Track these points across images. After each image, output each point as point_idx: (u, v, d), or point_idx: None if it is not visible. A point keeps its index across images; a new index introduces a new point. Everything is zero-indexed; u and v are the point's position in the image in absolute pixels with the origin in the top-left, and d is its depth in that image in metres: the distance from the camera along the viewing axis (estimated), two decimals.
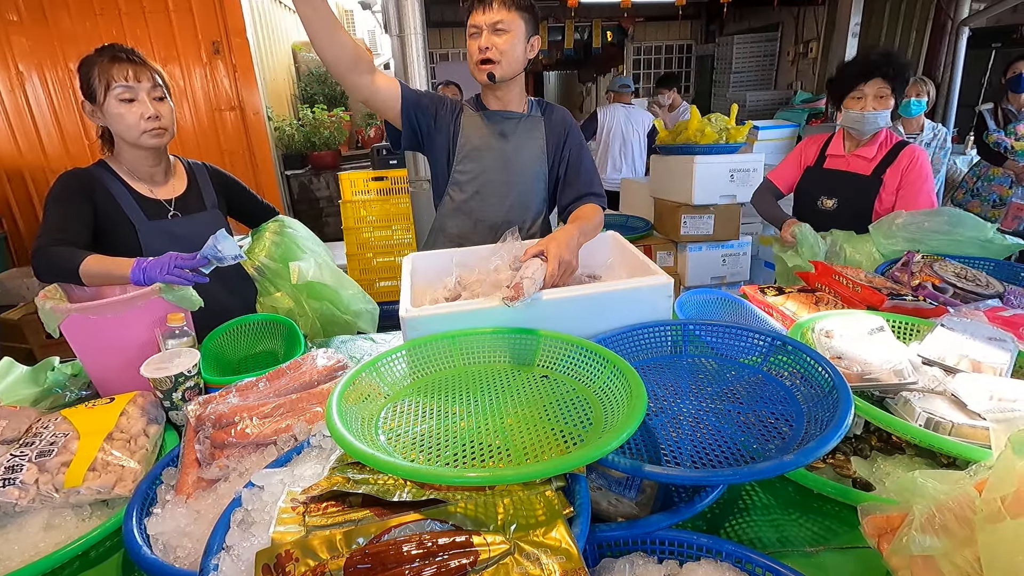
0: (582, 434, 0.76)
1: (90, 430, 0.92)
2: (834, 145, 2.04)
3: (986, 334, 1.05)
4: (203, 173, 1.58)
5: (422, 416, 0.85)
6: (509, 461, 0.72)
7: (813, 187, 2.06)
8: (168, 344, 1.16)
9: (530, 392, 0.90)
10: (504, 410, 0.85)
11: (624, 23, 7.46)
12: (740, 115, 3.28)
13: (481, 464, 0.72)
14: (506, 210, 1.63)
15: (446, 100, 1.60)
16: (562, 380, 0.93)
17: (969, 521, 0.56)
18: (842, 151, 2.01)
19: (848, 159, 2.00)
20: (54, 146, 4.03)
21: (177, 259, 1.16)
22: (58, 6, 3.73)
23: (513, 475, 0.64)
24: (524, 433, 0.77)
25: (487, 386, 0.93)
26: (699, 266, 3.11)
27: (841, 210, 1.97)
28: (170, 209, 1.46)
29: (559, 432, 0.77)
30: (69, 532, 0.82)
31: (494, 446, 0.75)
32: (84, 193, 1.35)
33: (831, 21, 5.79)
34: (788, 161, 2.19)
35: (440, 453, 0.74)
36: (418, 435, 0.79)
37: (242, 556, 0.64)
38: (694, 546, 0.67)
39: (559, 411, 0.83)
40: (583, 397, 0.87)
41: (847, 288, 1.35)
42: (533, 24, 1.50)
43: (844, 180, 1.99)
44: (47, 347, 2.96)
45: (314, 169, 4.84)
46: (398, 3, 2.57)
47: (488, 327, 1.04)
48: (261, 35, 4.51)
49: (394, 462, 0.66)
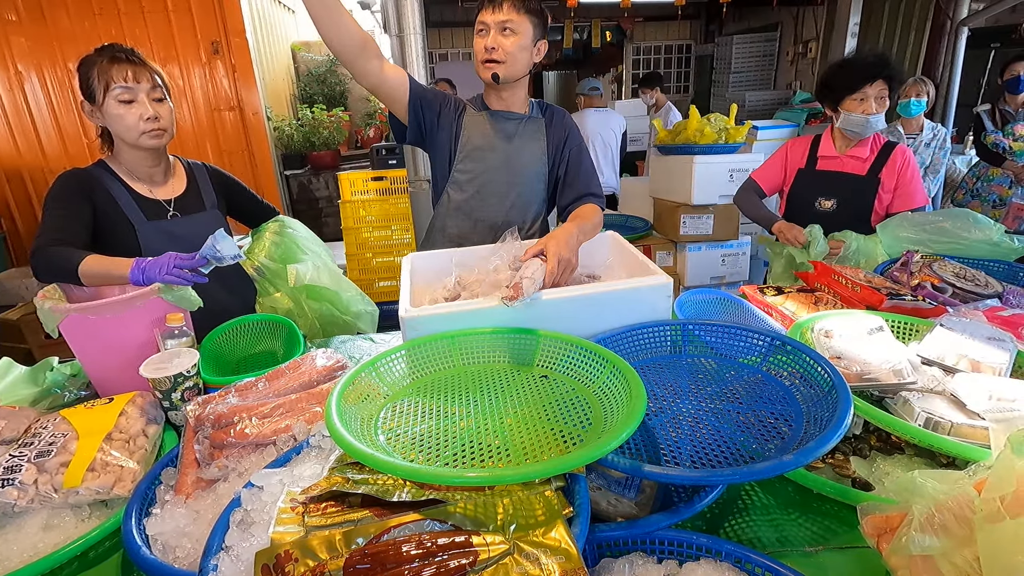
0: (581, 434, 0.76)
1: (89, 430, 0.92)
2: (825, 146, 2.03)
3: (985, 334, 1.05)
4: (203, 173, 1.58)
5: (421, 416, 0.85)
6: (509, 461, 0.72)
7: (809, 189, 2.05)
8: (167, 344, 1.16)
9: (529, 392, 0.90)
10: (503, 410, 0.85)
11: (623, 23, 7.46)
12: (739, 115, 3.28)
13: (480, 464, 0.72)
14: (506, 210, 1.63)
15: (450, 98, 1.59)
16: (562, 380, 0.93)
17: (968, 521, 0.56)
18: (835, 152, 2.01)
19: (842, 160, 1.99)
20: (53, 146, 4.02)
21: (176, 259, 1.16)
22: (57, 6, 3.73)
23: (512, 475, 0.64)
24: (524, 433, 0.77)
25: (486, 386, 0.93)
26: (698, 266, 3.11)
27: (840, 211, 1.97)
28: (169, 209, 1.46)
29: (559, 432, 0.77)
30: (68, 532, 0.82)
31: (493, 446, 0.75)
32: (83, 193, 1.35)
33: (830, 21, 5.79)
34: (772, 163, 2.18)
35: (439, 453, 0.74)
36: (417, 435, 0.79)
37: (241, 556, 0.64)
38: (694, 546, 0.67)
39: (558, 411, 0.83)
40: (583, 397, 0.87)
41: (846, 288, 1.35)
42: (541, 28, 1.50)
43: (841, 181, 1.99)
44: (46, 347, 2.96)
45: (313, 169, 4.84)
46: (397, 3, 2.56)
47: (488, 327, 1.04)
48: (260, 35, 4.51)
49: (393, 462, 0.66)
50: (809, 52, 6.44)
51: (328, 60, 5.70)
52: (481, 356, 1.02)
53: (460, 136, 1.58)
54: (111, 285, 1.26)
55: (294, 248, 1.62)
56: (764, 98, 6.62)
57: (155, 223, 1.43)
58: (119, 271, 1.19)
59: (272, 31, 4.96)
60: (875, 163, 1.95)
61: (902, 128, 3.17)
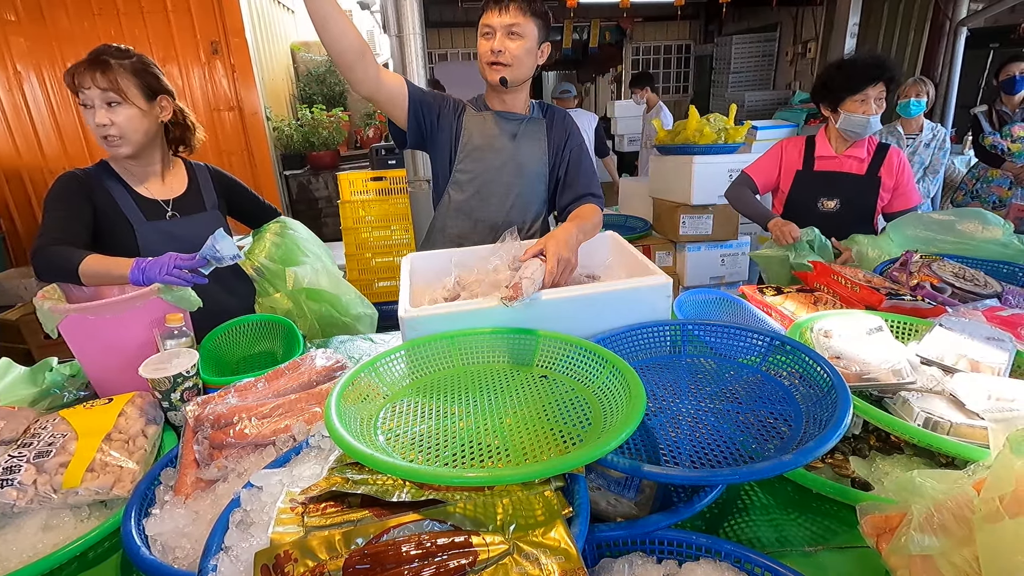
0: (581, 434, 0.76)
1: (88, 431, 0.92)
2: (821, 147, 2.03)
3: (984, 334, 1.05)
4: (204, 173, 1.58)
5: (421, 416, 0.85)
6: (508, 461, 0.72)
7: (809, 189, 2.04)
8: (167, 344, 1.16)
9: (529, 392, 0.90)
10: (503, 410, 0.85)
11: (623, 23, 7.46)
12: (739, 115, 3.29)
13: (480, 464, 0.72)
14: (506, 211, 1.63)
15: (448, 99, 1.60)
16: (561, 380, 0.93)
17: (967, 520, 0.56)
18: (832, 152, 2.01)
19: (840, 160, 1.99)
20: (52, 146, 4.02)
21: (176, 259, 1.16)
22: (56, 6, 3.73)
23: (512, 475, 0.64)
24: (523, 433, 0.77)
25: (486, 386, 0.93)
26: (698, 266, 3.11)
27: (843, 211, 1.97)
28: (168, 209, 1.46)
29: (558, 432, 0.77)
30: (67, 533, 0.82)
31: (493, 446, 0.75)
32: (83, 194, 1.35)
33: (829, 21, 5.80)
34: (767, 160, 2.15)
35: (439, 453, 0.74)
36: (417, 435, 0.79)
37: (241, 557, 0.64)
38: (693, 546, 0.67)
39: (558, 411, 0.83)
40: (582, 397, 0.87)
41: (846, 288, 1.35)
42: (545, 31, 1.50)
43: (842, 181, 1.99)
44: (45, 347, 2.96)
45: (313, 169, 4.84)
46: (397, 3, 2.57)
47: (487, 327, 1.04)
48: (259, 35, 4.50)
49: (393, 462, 0.66)
50: (808, 52, 6.45)
51: (327, 60, 5.70)
52: (480, 356, 1.02)
53: (460, 136, 1.58)
54: (111, 285, 1.26)
55: (295, 249, 1.62)
56: (763, 98, 6.62)
57: (154, 223, 1.43)
58: (119, 271, 1.19)
59: (271, 31, 4.96)
60: (872, 163, 1.95)
61: (901, 128, 3.17)
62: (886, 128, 3.43)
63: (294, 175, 4.71)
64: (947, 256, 1.51)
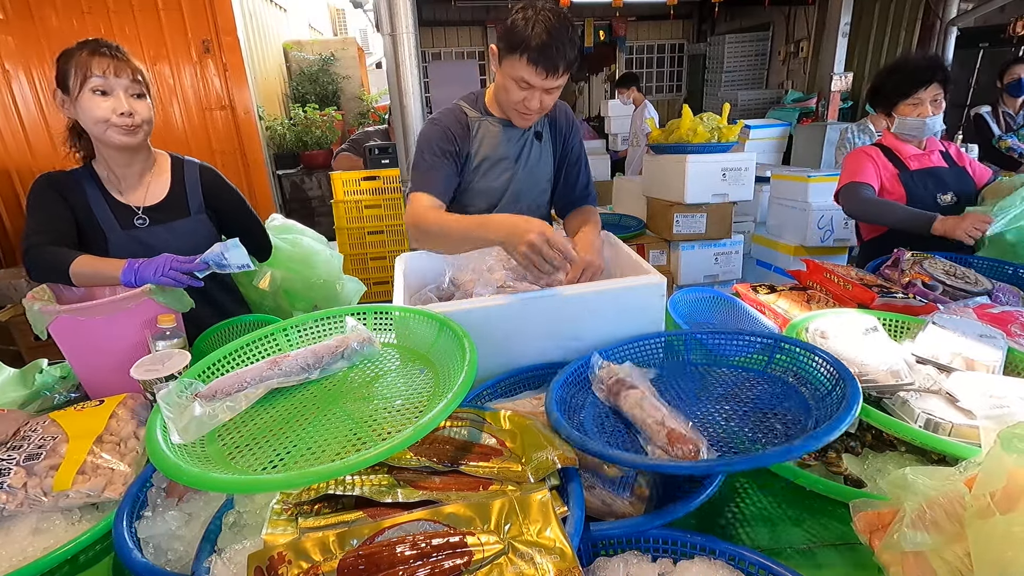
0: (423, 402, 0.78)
1: (79, 433, 0.91)
2: (905, 148, 1.97)
3: (977, 331, 1.05)
4: (193, 174, 1.49)
5: (268, 429, 0.78)
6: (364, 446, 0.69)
7: (924, 189, 1.95)
8: (158, 346, 1.15)
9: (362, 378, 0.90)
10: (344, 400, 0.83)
11: (616, 26, 7.48)
12: (732, 114, 3.29)
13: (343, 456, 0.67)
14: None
15: (454, 129, 1.48)
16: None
17: (959, 517, 0.56)
18: (919, 151, 1.97)
19: (928, 156, 1.96)
20: (41, 145, 3.98)
21: (173, 261, 1.15)
22: (44, 4, 3.69)
23: (373, 456, 0.62)
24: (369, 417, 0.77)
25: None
26: (692, 265, 3.13)
27: (961, 203, 1.90)
28: (137, 213, 1.40)
29: (407, 404, 0.78)
30: (58, 536, 0.81)
31: (354, 436, 0.73)
32: (59, 196, 1.33)
33: (821, 21, 5.84)
34: (865, 169, 1.97)
35: (282, 457, 0.70)
36: (273, 449, 0.73)
37: (234, 559, 0.64)
38: (688, 544, 0.67)
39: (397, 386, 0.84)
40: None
41: (838, 286, 1.36)
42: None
43: (945, 176, 1.95)
44: (35, 349, 2.93)
45: (306, 168, 4.82)
46: (390, 2, 2.56)
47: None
48: (252, 34, 4.48)
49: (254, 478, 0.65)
50: (801, 51, 6.48)
51: (320, 59, 5.67)
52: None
53: (473, 155, 1.51)
54: (102, 286, 1.25)
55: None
56: (756, 97, 6.66)
57: (128, 232, 1.38)
58: (111, 271, 1.18)
59: (264, 30, 4.94)
60: (946, 156, 1.97)
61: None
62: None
63: (287, 174, 4.69)
64: (938, 254, 1.52)
